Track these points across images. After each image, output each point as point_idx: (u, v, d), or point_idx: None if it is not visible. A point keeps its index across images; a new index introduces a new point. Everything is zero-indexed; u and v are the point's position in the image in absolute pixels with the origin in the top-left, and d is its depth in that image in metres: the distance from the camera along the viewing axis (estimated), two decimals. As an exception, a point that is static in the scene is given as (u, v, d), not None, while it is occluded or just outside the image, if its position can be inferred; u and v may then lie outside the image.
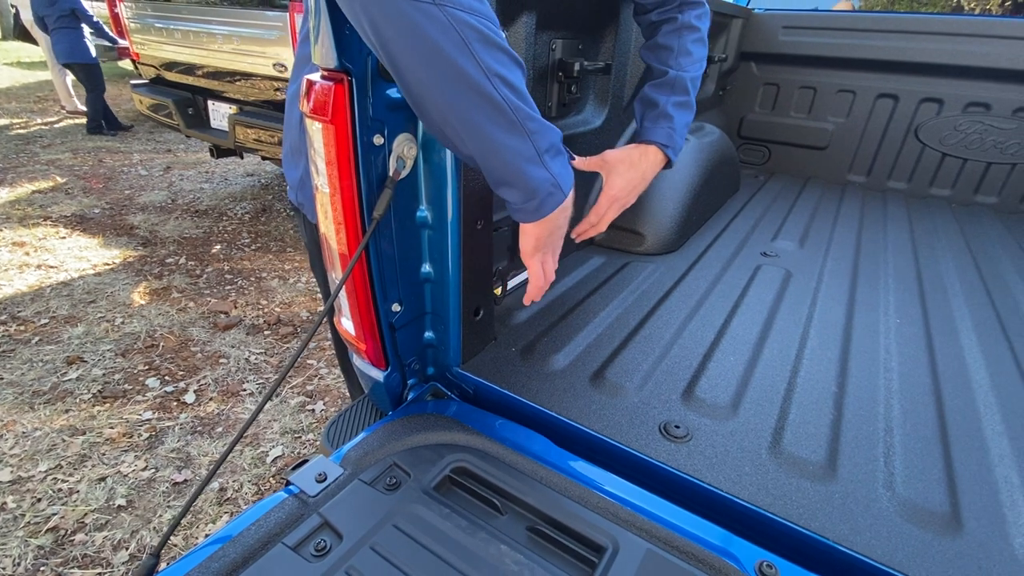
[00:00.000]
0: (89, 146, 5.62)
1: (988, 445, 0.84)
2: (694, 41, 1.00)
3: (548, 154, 0.64)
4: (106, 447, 1.85)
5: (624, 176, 0.96)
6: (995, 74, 1.94)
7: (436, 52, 0.53)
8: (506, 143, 0.59)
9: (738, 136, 2.51)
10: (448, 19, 0.52)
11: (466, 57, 0.53)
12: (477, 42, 0.54)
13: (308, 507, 0.67)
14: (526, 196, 0.65)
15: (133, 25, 3.72)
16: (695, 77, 1.01)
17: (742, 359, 1.00)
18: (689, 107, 1.00)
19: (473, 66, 0.54)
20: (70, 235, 3.51)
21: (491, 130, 0.58)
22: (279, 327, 2.63)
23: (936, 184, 2.16)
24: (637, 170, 0.97)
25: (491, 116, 0.57)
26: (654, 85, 1.01)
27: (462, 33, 0.53)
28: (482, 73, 0.55)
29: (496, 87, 0.56)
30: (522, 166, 0.62)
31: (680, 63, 0.99)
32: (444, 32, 0.52)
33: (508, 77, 0.57)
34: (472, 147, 0.60)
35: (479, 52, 0.54)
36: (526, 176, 0.63)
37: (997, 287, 1.38)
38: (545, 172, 0.64)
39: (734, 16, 2.18)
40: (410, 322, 0.87)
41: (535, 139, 0.61)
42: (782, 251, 1.53)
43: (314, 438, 1.96)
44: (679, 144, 0.99)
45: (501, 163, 0.61)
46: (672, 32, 1.01)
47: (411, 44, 0.52)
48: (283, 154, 1.10)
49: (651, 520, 0.67)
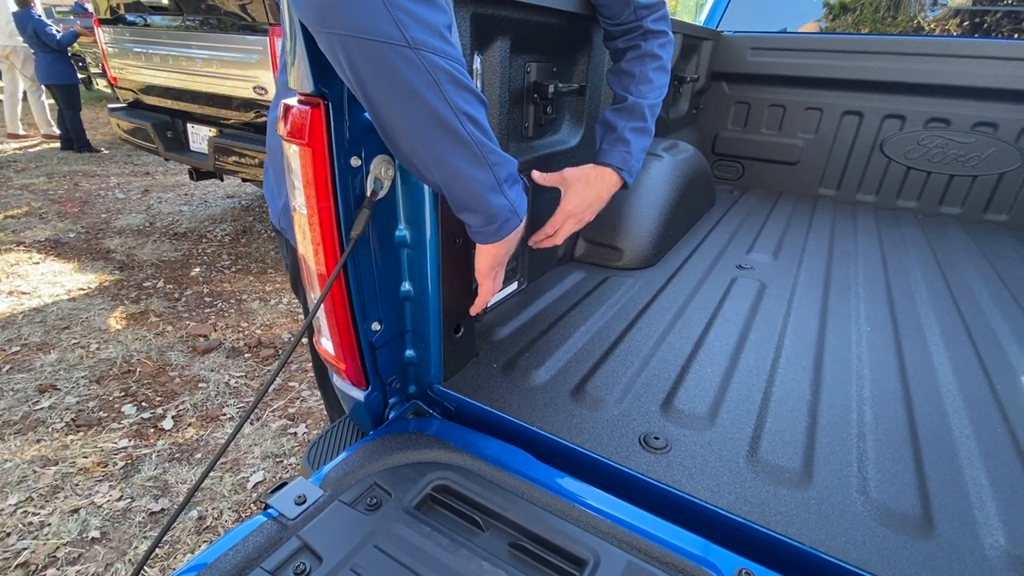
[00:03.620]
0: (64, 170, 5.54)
1: (957, 448, 0.86)
2: (655, 69, 1.05)
3: (507, 183, 0.70)
4: (79, 477, 1.79)
5: (580, 194, 1.02)
6: (954, 91, 2.04)
7: (410, 92, 0.57)
8: (471, 174, 0.65)
9: (712, 153, 2.58)
10: (423, 62, 0.56)
11: (438, 98, 0.58)
12: (448, 84, 0.58)
13: (287, 530, 0.66)
14: (487, 221, 0.71)
15: (111, 49, 3.71)
16: (654, 104, 1.06)
17: (719, 370, 1.02)
18: (646, 132, 1.06)
19: (444, 106, 0.58)
20: (44, 260, 3.44)
21: (457, 163, 0.63)
22: (260, 349, 2.60)
23: (903, 196, 2.24)
24: (593, 189, 1.03)
25: (458, 151, 0.62)
26: (614, 110, 1.06)
27: (435, 76, 0.57)
28: (451, 112, 0.59)
29: (463, 124, 0.61)
30: (484, 195, 0.67)
31: (640, 90, 1.04)
32: (418, 74, 0.56)
33: (474, 115, 0.62)
34: (439, 176, 0.65)
35: (449, 93, 0.58)
36: (488, 203, 0.68)
37: (962, 294, 1.43)
38: (504, 200, 0.70)
39: (704, 38, 2.25)
40: (390, 341, 0.88)
41: (496, 170, 0.67)
42: (757, 264, 1.56)
43: (296, 462, 1.93)
44: (635, 167, 1.05)
45: (465, 192, 0.67)
46: (635, 59, 1.06)
47: (387, 84, 0.56)
48: (265, 181, 1.10)
49: (631, 532, 0.68)
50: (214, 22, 2.99)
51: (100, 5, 3.62)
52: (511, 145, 1.14)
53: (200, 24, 3.07)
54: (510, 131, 1.12)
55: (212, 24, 3.01)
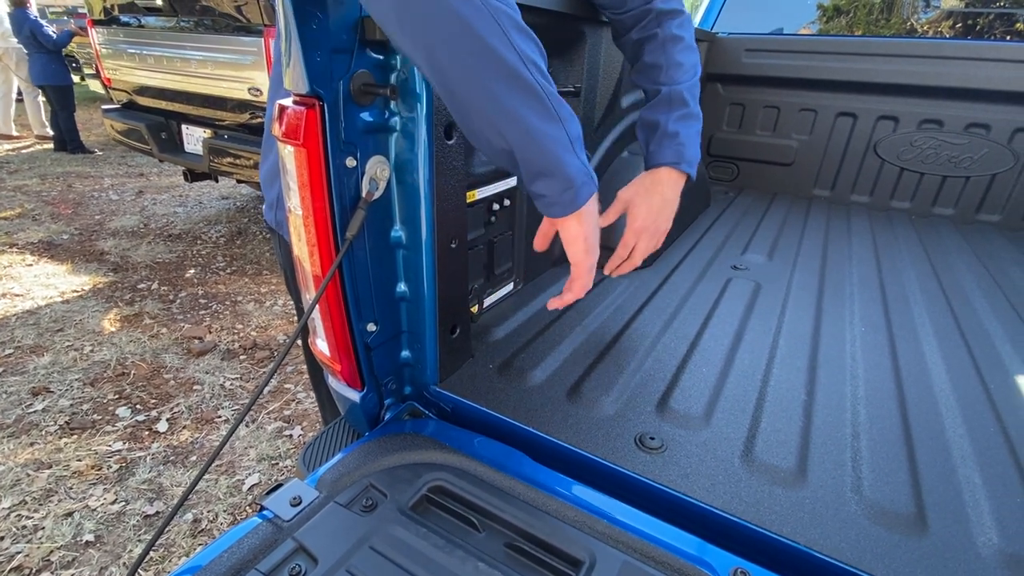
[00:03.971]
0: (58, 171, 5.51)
1: (951, 447, 0.87)
2: (681, 51, 0.98)
3: (577, 143, 0.64)
4: (73, 480, 1.78)
5: (643, 206, 0.95)
6: (946, 93, 2.05)
7: (478, 41, 0.53)
8: (545, 131, 0.59)
9: (707, 154, 2.58)
10: (486, 7, 0.53)
11: (505, 45, 0.54)
12: (512, 29, 0.55)
13: (282, 532, 0.66)
14: (564, 186, 0.64)
15: (105, 51, 3.70)
16: (692, 85, 0.98)
17: (714, 370, 1.03)
18: (693, 116, 0.97)
19: (512, 54, 0.55)
20: (37, 262, 3.42)
21: (531, 118, 0.58)
22: (255, 351, 2.59)
23: (896, 197, 2.26)
24: (657, 195, 0.96)
25: (530, 104, 0.57)
26: (651, 107, 0.99)
27: (499, 20, 0.54)
28: (520, 61, 0.55)
29: (532, 74, 0.57)
30: (560, 154, 0.61)
31: (672, 76, 0.97)
32: (483, 20, 0.53)
33: (540, 64, 0.58)
34: (513, 138, 0.59)
35: (515, 39, 0.55)
36: (564, 164, 0.62)
37: (955, 295, 1.44)
38: (578, 160, 0.64)
39: (699, 40, 2.26)
40: (386, 342, 0.88)
41: (568, 126, 0.62)
42: (752, 264, 1.57)
43: (292, 464, 1.92)
44: (692, 156, 0.96)
45: (540, 152, 0.60)
46: (656, 48, 0.98)
47: (454, 35, 0.53)
48: (261, 175, 1.10)
49: (627, 532, 0.68)
50: (208, 23, 2.98)
51: (94, 6, 3.60)
52: None
53: (195, 25, 3.07)
54: None
55: (207, 25, 3.00)
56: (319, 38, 0.61)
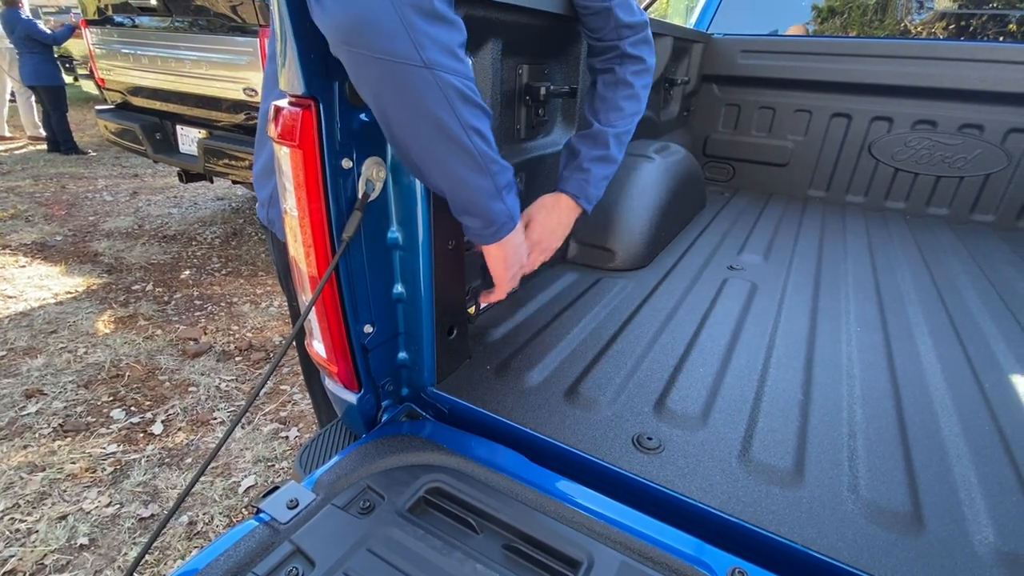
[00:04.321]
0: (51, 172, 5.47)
1: (946, 446, 0.87)
2: (626, 97, 1.05)
3: (505, 190, 0.74)
4: (67, 483, 1.77)
5: (542, 223, 1.03)
6: (940, 93, 2.06)
7: (424, 109, 0.61)
8: (474, 183, 0.69)
9: (703, 155, 2.59)
10: (436, 81, 0.59)
11: (449, 115, 0.62)
12: (458, 101, 0.62)
13: (279, 535, 0.66)
14: (485, 224, 0.76)
15: (99, 51, 3.67)
16: (620, 132, 1.05)
17: (711, 370, 1.03)
18: (609, 160, 1.05)
19: (454, 122, 0.63)
20: (30, 263, 3.39)
21: (463, 172, 0.68)
22: (251, 353, 2.58)
23: (891, 197, 2.27)
24: (554, 216, 1.04)
25: (464, 162, 0.67)
26: (580, 136, 1.07)
27: (447, 94, 0.60)
28: (460, 128, 0.63)
29: (470, 138, 0.65)
30: (486, 201, 0.72)
31: (608, 118, 1.05)
32: (432, 92, 0.60)
33: (480, 128, 0.66)
34: (444, 184, 0.70)
35: (459, 110, 0.62)
36: (487, 208, 0.73)
37: (950, 294, 1.45)
38: (503, 205, 0.75)
39: (695, 41, 2.27)
40: (383, 343, 0.87)
41: (496, 179, 0.71)
42: (748, 264, 1.57)
43: (288, 466, 1.91)
44: (593, 195, 1.05)
45: (467, 198, 0.72)
46: (608, 84, 1.06)
47: (402, 100, 0.60)
48: (254, 173, 1.10)
49: (625, 532, 0.68)
50: (203, 23, 2.97)
51: (88, 6, 3.58)
52: (503, 147, 1.14)
53: (189, 25, 3.05)
54: (502, 133, 1.12)
55: (201, 25, 2.99)
56: (315, 39, 0.61)
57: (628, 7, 1.02)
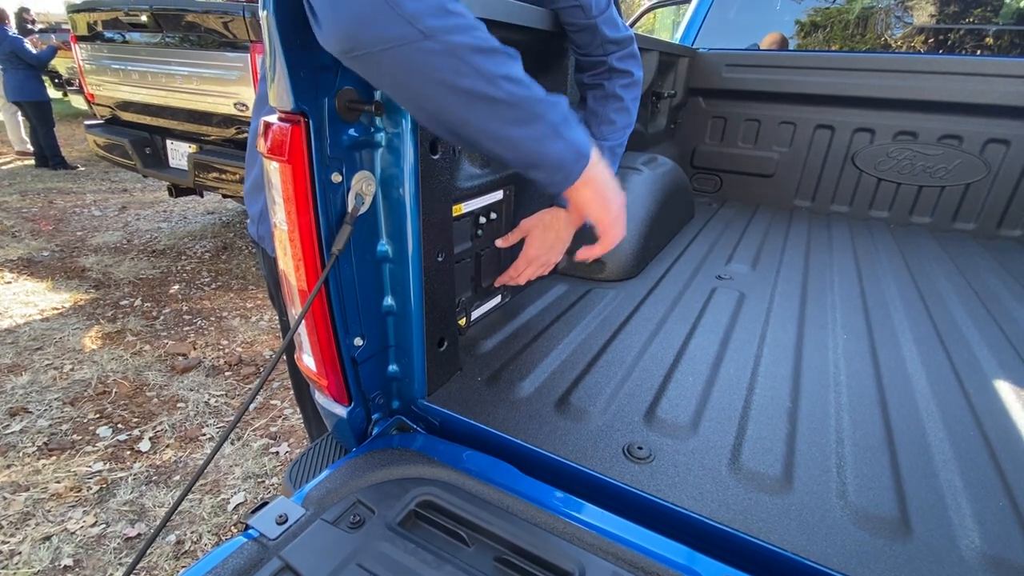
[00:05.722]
0: (39, 187, 5.43)
1: (932, 451, 0.88)
2: (616, 110, 1.07)
3: (563, 125, 0.68)
4: (52, 503, 1.74)
5: (540, 238, 1.05)
6: (920, 105, 2.11)
7: (446, 82, 0.57)
8: (525, 135, 0.64)
9: (691, 166, 2.63)
10: (444, 47, 0.56)
11: (471, 75, 0.58)
12: (474, 55, 0.58)
13: (268, 551, 0.65)
14: (554, 171, 0.70)
15: (89, 66, 3.67)
16: (614, 145, 1.07)
17: (700, 379, 1.04)
18: None
19: (480, 81, 0.58)
20: (16, 280, 3.35)
21: (511, 130, 0.63)
22: (240, 367, 2.56)
23: (875, 207, 2.31)
24: (552, 231, 1.05)
25: (507, 117, 0.62)
26: None
27: (460, 55, 0.57)
28: (486, 82, 0.59)
29: (501, 88, 0.60)
30: (542, 149, 0.67)
31: (601, 131, 1.06)
32: (446, 61, 0.56)
33: (510, 74, 0.61)
34: (496, 148, 0.66)
35: (478, 63, 0.58)
36: (549, 155, 0.68)
37: (934, 301, 1.47)
38: (564, 143, 0.68)
39: (681, 55, 2.31)
40: (373, 356, 0.87)
41: (548, 118, 0.66)
42: (736, 274, 1.59)
43: (278, 482, 1.89)
44: None
45: (524, 153, 0.66)
46: (599, 99, 1.08)
47: (423, 82, 0.57)
48: (245, 189, 1.10)
49: (616, 543, 0.68)
50: (194, 39, 2.98)
51: (78, 22, 3.58)
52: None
53: (180, 41, 3.06)
54: None
55: (192, 41, 3.00)
56: (304, 55, 0.61)
57: (613, 23, 1.04)
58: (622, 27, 1.07)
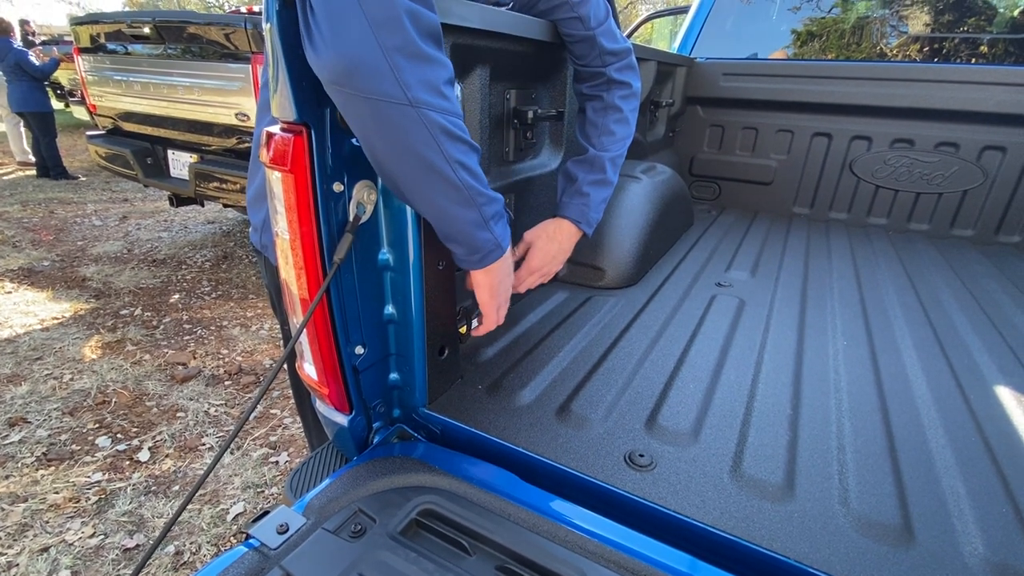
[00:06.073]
0: (40, 197, 5.45)
1: (934, 457, 0.88)
2: (616, 121, 1.09)
3: (493, 220, 0.76)
4: (50, 514, 1.73)
5: (543, 249, 1.07)
6: (916, 113, 2.13)
7: (409, 145, 0.63)
8: (459, 214, 0.71)
9: (690, 174, 2.64)
10: (422, 119, 0.61)
11: (434, 151, 0.64)
12: (443, 137, 0.64)
13: (269, 560, 0.65)
14: (470, 251, 0.78)
15: (91, 78, 3.70)
16: (615, 156, 1.09)
17: (701, 386, 1.04)
18: (606, 184, 1.09)
19: (439, 158, 0.65)
20: (16, 289, 3.36)
21: (448, 205, 0.70)
22: (240, 376, 2.55)
23: (873, 214, 2.32)
24: (555, 242, 1.08)
25: (450, 195, 0.69)
26: (576, 161, 1.10)
27: (432, 132, 0.63)
28: (445, 162, 0.65)
29: (456, 172, 0.67)
30: (472, 231, 0.74)
31: (602, 142, 1.08)
32: (418, 130, 0.62)
33: (467, 163, 0.68)
34: (430, 213, 0.72)
35: (445, 146, 0.64)
36: (474, 238, 0.75)
37: (933, 307, 1.48)
38: (489, 234, 0.77)
39: (678, 65, 2.33)
40: (374, 364, 0.87)
41: (483, 210, 0.73)
42: (735, 281, 1.60)
43: (278, 492, 1.88)
44: (593, 218, 1.09)
45: (452, 227, 0.73)
46: (598, 110, 1.10)
47: (389, 137, 0.62)
48: (248, 198, 1.11)
49: (618, 551, 0.68)
50: (196, 50, 3.01)
51: (81, 35, 3.62)
52: (493, 169, 1.16)
53: (182, 52, 3.09)
54: (492, 156, 1.14)
55: (194, 52, 3.02)
56: (306, 68, 0.62)
57: (611, 35, 1.05)
58: (620, 39, 1.08)
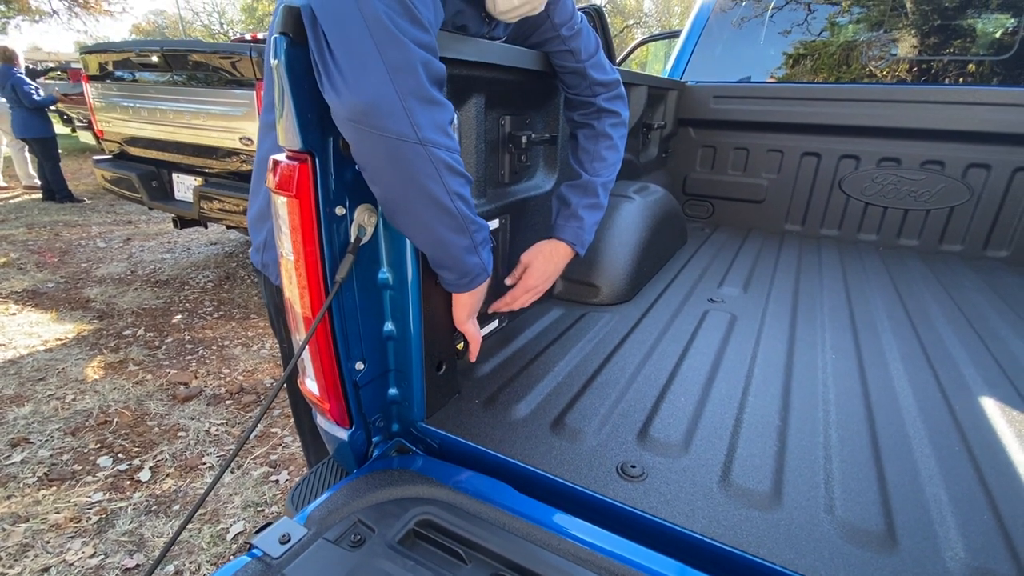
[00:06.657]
0: (45, 220, 5.52)
1: (918, 467, 0.90)
2: (607, 148, 1.17)
3: (481, 245, 0.83)
4: (51, 534, 1.73)
5: (540, 269, 1.14)
6: (902, 132, 2.19)
7: (415, 179, 0.69)
8: (453, 240, 0.78)
9: (683, 193, 2.69)
10: (429, 156, 0.68)
11: (437, 185, 0.71)
12: (446, 172, 0.71)
13: (271, 569, 0.67)
14: (460, 275, 0.84)
15: (99, 104, 3.79)
16: (607, 181, 1.17)
17: (692, 399, 1.06)
18: (598, 207, 1.17)
19: (441, 190, 0.71)
20: (21, 311, 3.39)
21: (445, 233, 0.76)
22: (241, 396, 2.57)
23: (863, 230, 2.36)
24: (551, 263, 1.15)
25: (447, 224, 0.75)
26: (570, 186, 1.17)
27: (436, 167, 0.69)
28: (447, 195, 0.72)
29: (455, 203, 0.74)
30: (464, 256, 0.81)
31: (595, 168, 1.16)
32: (424, 166, 0.68)
33: (463, 194, 0.75)
34: (426, 240, 0.78)
35: (446, 179, 0.71)
36: (465, 263, 0.82)
37: (921, 321, 1.51)
38: (478, 259, 0.84)
39: (670, 88, 2.40)
40: (374, 379, 0.90)
41: (474, 236, 0.80)
42: (728, 297, 1.63)
43: (278, 511, 1.89)
44: (587, 240, 1.17)
45: (447, 254, 0.80)
46: (591, 137, 1.17)
47: (397, 171, 0.68)
48: (249, 217, 1.15)
49: (611, 559, 0.70)
50: (202, 77, 3.10)
51: (90, 63, 3.72)
52: (489, 191, 1.20)
53: (188, 79, 3.18)
54: (487, 179, 1.19)
55: (200, 79, 3.11)
56: (311, 101, 0.67)
57: (600, 67, 1.11)
58: (609, 70, 1.14)
